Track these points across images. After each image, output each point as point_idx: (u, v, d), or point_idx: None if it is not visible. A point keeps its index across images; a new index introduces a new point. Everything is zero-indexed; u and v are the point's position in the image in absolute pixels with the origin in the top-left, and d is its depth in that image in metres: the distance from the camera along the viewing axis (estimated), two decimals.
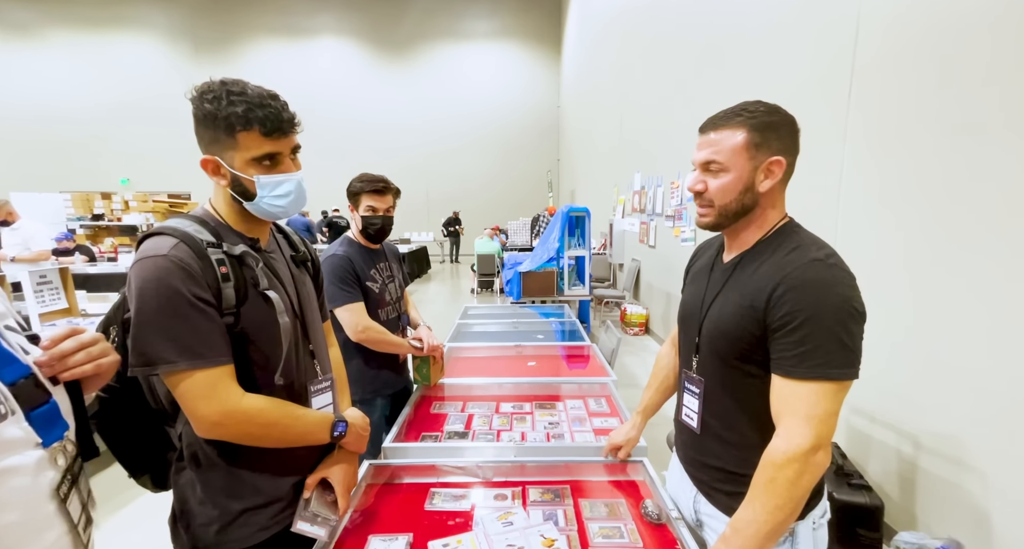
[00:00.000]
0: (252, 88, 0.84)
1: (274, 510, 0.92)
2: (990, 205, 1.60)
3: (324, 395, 1.01)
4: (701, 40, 4.12)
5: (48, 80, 12.85)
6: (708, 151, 0.88)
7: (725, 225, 0.92)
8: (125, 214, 10.60)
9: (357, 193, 1.67)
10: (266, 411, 0.86)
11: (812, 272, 0.81)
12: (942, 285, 1.78)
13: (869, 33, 2.14)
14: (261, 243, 0.94)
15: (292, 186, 0.90)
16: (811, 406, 0.78)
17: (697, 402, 1.00)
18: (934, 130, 1.82)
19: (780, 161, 0.86)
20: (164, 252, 0.79)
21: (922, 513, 1.85)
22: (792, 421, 0.80)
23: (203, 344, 0.79)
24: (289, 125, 0.87)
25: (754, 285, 0.87)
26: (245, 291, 0.86)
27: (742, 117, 0.86)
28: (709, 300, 0.96)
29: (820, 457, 0.78)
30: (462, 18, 13.83)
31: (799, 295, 0.80)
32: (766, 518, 0.79)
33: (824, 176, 2.39)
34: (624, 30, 6.74)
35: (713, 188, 0.89)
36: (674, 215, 4.71)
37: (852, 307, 0.80)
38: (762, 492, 0.80)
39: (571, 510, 1.11)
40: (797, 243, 0.87)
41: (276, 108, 0.84)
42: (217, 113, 0.81)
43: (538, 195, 13.84)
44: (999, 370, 1.57)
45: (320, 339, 1.05)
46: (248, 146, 0.84)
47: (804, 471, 0.78)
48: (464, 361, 2.29)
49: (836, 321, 0.78)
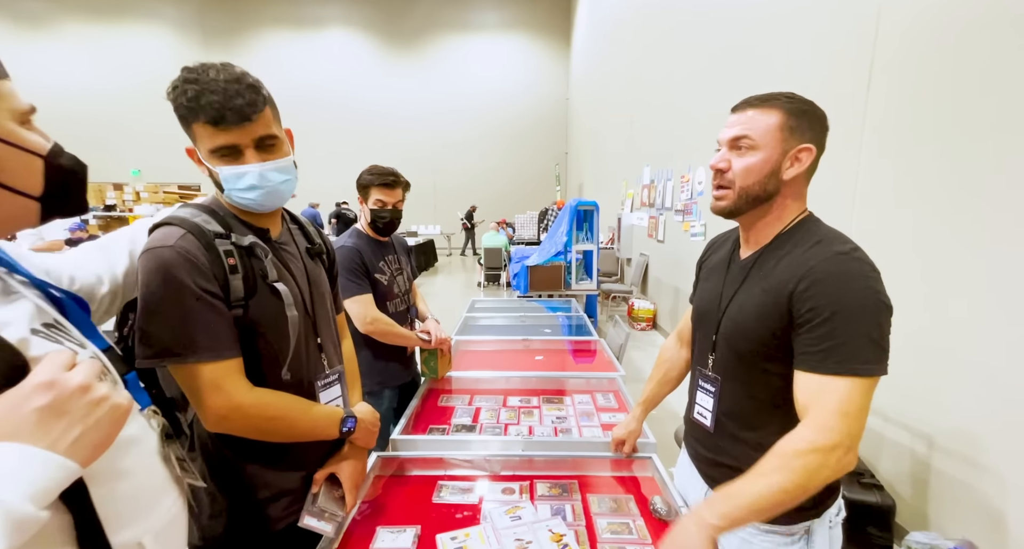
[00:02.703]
0: (211, 72, 0.77)
1: (283, 503, 0.92)
2: (1009, 202, 1.56)
3: (332, 388, 1.00)
4: (716, 34, 4.05)
5: (59, 70, 12.95)
6: (740, 127, 0.85)
7: (743, 211, 0.88)
8: (137, 205, 10.72)
9: (367, 186, 1.66)
10: (273, 405, 0.85)
11: (837, 265, 0.78)
12: (958, 282, 1.75)
13: (889, 29, 2.09)
14: (272, 234, 0.92)
15: (254, 178, 0.82)
16: (842, 402, 0.75)
17: (712, 400, 0.98)
18: (952, 128, 1.77)
19: (810, 148, 0.84)
20: (171, 244, 0.77)
21: (935, 513, 1.83)
22: (822, 414, 0.75)
23: (210, 337, 0.78)
24: (238, 114, 0.77)
25: (776, 280, 0.84)
26: (254, 283, 0.84)
27: (780, 100, 0.84)
28: (728, 297, 0.94)
29: (848, 457, 0.74)
30: (471, 9, 13.71)
31: (824, 289, 0.77)
32: (768, 495, 0.73)
33: (841, 173, 2.35)
34: (636, 22, 6.64)
35: (738, 167, 0.85)
36: (684, 209, 4.66)
37: (880, 301, 0.77)
38: (773, 471, 0.75)
39: (579, 505, 1.11)
40: (819, 237, 0.84)
41: (227, 94, 0.76)
42: (176, 105, 0.78)
43: (546, 189, 13.78)
44: (1015, 368, 1.54)
45: (330, 333, 1.03)
46: (202, 137, 0.80)
47: (826, 465, 0.73)
48: (471, 354, 2.29)
49: (864, 315, 0.76)
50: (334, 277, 1.12)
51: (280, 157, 0.86)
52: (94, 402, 0.47)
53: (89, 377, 0.47)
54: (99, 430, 0.47)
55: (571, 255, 4.74)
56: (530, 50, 13.90)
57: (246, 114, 0.78)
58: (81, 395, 0.46)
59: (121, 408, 0.50)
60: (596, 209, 4.86)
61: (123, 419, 0.50)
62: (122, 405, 0.50)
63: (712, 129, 4.18)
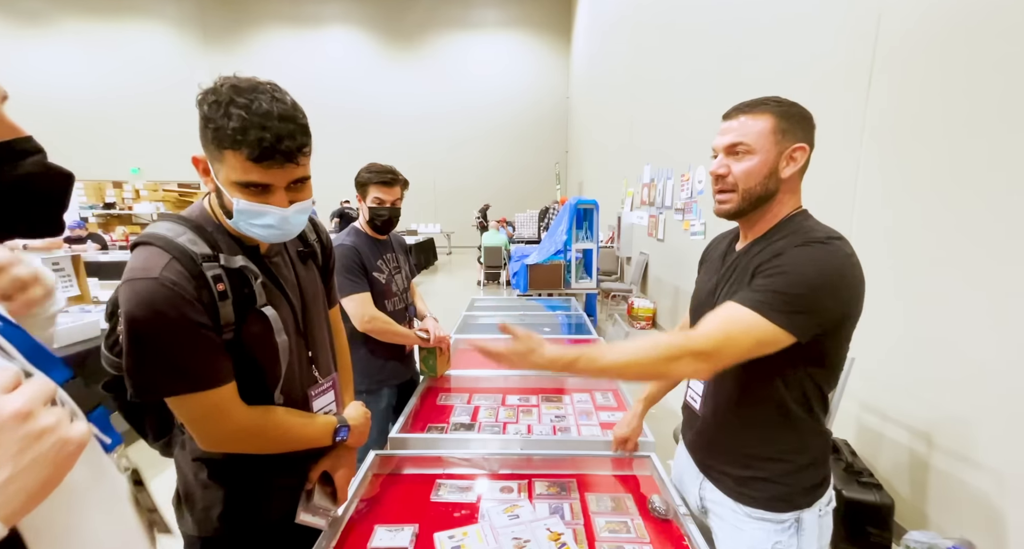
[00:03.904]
0: (263, 101, 0.71)
1: (277, 497, 0.93)
2: (1009, 202, 1.56)
3: (325, 396, 1.00)
4: (716, 33, 4.04)
5: (59, 68, 12.91)
6: (734, 134, 0.89)
7: (747, 212, 0.92)
8: (136, 203, 10.70)
9: (365, 184, 1.66)
10: (271, 424, 0.84)
11: (808, 247, 0.83)
12: (958, 281, 1.74)
13: (890, 30, 2.08)
14: (262, 248, 0.88)
15: (274, 220, 0.78)
16: (733, 324, 0.80)
17: (703, 385, 1.02)
18: (953, 128, 1.76)
19: (804, 147, 0.88)
20: (155, 275, 0.72)
21: (933, 512, 1.83)
22: (707, 325, 0.82)
23: (202, 367, 0.76)
24: (287, 155, 0.73)
25: (754, 264, 0.88)
26: (244, 307, 0.81)
27: (768, 105, 0.89)
28: (721, 288, 0.97)
29: (703, 366, 0.80)
30: (471, 7, 13.68)
31: (787, 259, 0.82)
32: (605, 359, 0.82)
33: (841, 173, 2.34)
34: (636, 21, 6.63)
35: (738, 171, 0.89)
36: (684, 208, 4.65)
37: (837, 282, 0.81)
38: (633, 346, 0.83)
39: (577, 504, 1.11)
40: (804, 229, 0.88)
41: (278, 133, 0.71)
42: (211, 121, 0.71)
43: (546, 187, 13.76)
44: (1015, 368, 1.54)
45: (323, 341, 1.01)
46: (234, 167, 0.73)
47: (683, 361, 0.80)
48: (470, 353, 2.28)
49: (812, 284, 0.79)
50: (330, 271, 1.09)
51: (306, 198, 0.82)
52: (33, 435, 0.36)
53: (32, 402, 0.36)
54: (36, 472, 0.35)
55: (571, 254, 4.73)
56: (531, 48, 13.87)
57: (294, 158, 0.74)
58: (17, 424, 0.35)
59: (70, 443, 0.38)
60: (596, 208, 4.85)
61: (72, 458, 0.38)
62: (71, 440, 0.38)
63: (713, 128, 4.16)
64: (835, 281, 0.80)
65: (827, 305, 0.80)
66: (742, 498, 0.95)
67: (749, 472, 0.94)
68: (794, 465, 0.91)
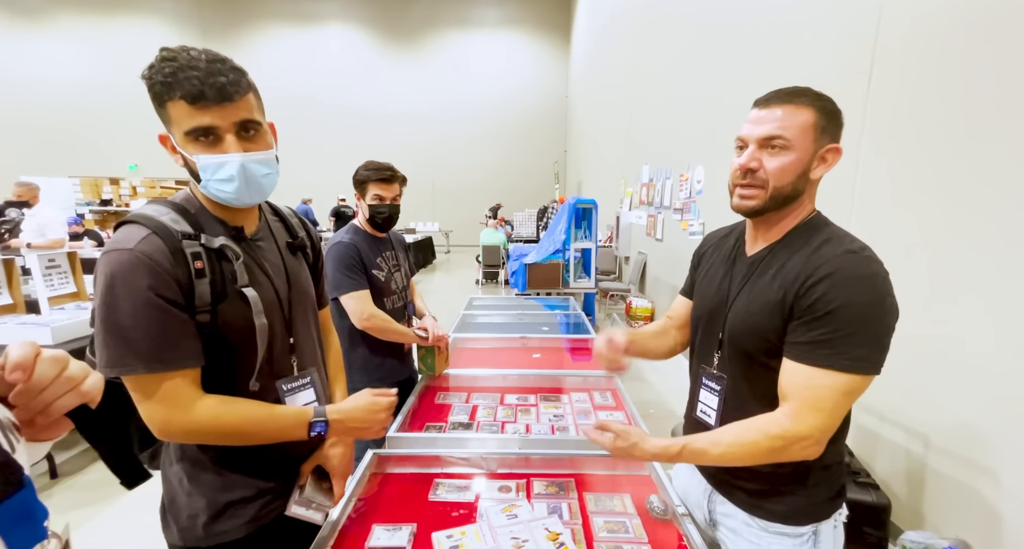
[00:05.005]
0: (192, 52, 0.73)
1: (263, 502, 0.90)
2: (1009, 202, 1.56)
3: (303, 393, 0.94)
4: (716, 33, 4.03)
5: (56, 64, 12.84)
6: (773, 125, 0.80)
7: (768, 211, 0.85)
8: (133, 199, 10.65)
9: (364, 181, 1.65)
10: (228, 417, 0.79)
11: (849, 263, 0.78)
12: (957, 282, 1.75)
13: (891, 28, 2.08)
14: (247, 230, 0.87)
15: (235, 169, 0.76)
16: (820, 397, 0.76)
17: (717, 399, 0.97)
18: (953, 127, 1.76)
19: (838, 149, 0.82)
20: (131, 246, 0.72)
21: (930, 512, 1.83)
22: (799, 405, 0.78)
23: (164, 347, 0.73)
24: (219, 92, 0.71)
25: (785, 276, 0.83)
26: (223, 288, 0.79)
27: (808, 97, 0.80)
28: (734, 294, 0.92)
29: (811, 449, 0.78)
30: (471, 6, 13.65)
31: (834, 284, 0.77)
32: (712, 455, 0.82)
33: (840, 173, 2.33)
34: (635, 19, 6.62)
35: (772, 167, 0.81)
36: (682, 208, 4.65)
37: (888, 302, 0.77)
38: (734, 440, 0.81)
39: (576, 503, 1.11)
40: (828, 235, 0.84)
41: (208, 71, 0.71)
42: (152, 84, 0.72)
43: (544, 187, 13.76)
44: (1013, 369, 1.54)
45: (308, 332, 0.97)
46: (178, 119, 0.73)
47: (787, 451, 0.77)
48: (469, 352, 2.28)
49: (869, 313, 0.76)
50: (319, 271, 1.07)
51: (263, 148, 0.80)
52: None
53: None
54: None
55: (569, 253, 4.73)
56: (530, 47, 13.85)
57: (228, 93, 0.73)
58: None
59: None
60: (595, 207, 4.86)
61: None
62: None
63: (713, 128, 4.18)
64: (889, 302, 0.78)
65: (890, 324, 0.78)
66: (759, 512, 0.92)
67: (767, 486, 0.90)
68: (813, 478, 0.89)
